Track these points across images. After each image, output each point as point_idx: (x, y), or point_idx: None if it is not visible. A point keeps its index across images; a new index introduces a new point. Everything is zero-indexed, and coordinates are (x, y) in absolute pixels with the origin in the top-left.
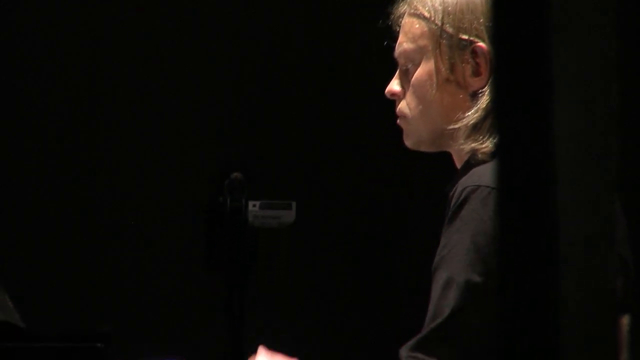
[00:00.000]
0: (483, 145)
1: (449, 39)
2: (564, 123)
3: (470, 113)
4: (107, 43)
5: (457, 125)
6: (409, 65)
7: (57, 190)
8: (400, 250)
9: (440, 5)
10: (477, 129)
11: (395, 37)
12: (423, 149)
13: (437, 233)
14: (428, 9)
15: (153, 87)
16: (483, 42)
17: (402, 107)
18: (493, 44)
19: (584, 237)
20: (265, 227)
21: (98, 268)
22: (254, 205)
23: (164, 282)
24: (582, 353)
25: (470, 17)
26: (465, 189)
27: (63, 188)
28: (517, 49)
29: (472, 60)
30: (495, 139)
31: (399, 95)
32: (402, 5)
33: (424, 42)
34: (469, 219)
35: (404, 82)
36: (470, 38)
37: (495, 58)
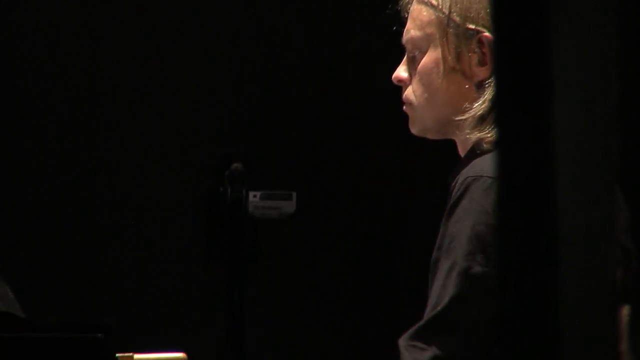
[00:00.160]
0: (488, 135)
1: (456, 28)
2: (564, 123)
3: (477, 104)
4: (107, 43)
5: (464, 117)
6: (416, 53)
7: (57, 188)
8: (400, 250)
9: None
10: (483, 120)
11: (404, 23)
12: (428, 137)
13: (437, 232)
14: None
15: (154, 77)
16: (489, 32)
17: (408, 94)
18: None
19: (584, 236)
20: (266, 217)
21: (99, 261)
22: (255, 196)
23: (165, 273)
24: (582, 353)
25: (477, 6)
26: (467, 179)
27: (63, 186)
28: (517, 49)
29: (478, 50)
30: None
31: (406, 82)
32: None
33: (431, 30)
34: (470, 209)
35: (411, 69)
36: (477, 27)
37: (496, 58)
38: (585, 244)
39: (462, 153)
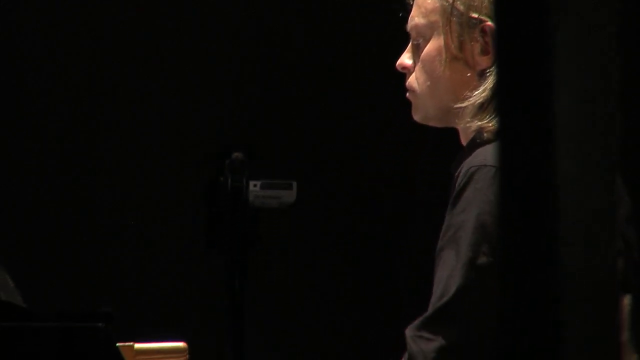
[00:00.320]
0: (489, 124)
1: (459, 17)
2: (564, 123)
3: (478, 92)
4: (107, 43)
5: (463, 104)
6: (420, 40)
7: (57, 185)
8: (400, 249)
9: None
10: (483, 108)
11: (409, 10)
12: (431, 124)
13: (437, 232)
14: None
15: (154, 77)
16: (492, 21)
17: (411, 81)
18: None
19: (584, 236)
20: (266, 207)
21: (99, 252)
22: (255, 185)
23: (165, 262)
24: (582, 353)
25: None
26: (470, 169)
27: (63, 185)
28: (517, 49)
29: (481, 39)
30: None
31: (409, 69)
32: None
33: (435, 17)
34: (474, 199)
35: (415, 56)
36: (480, 17)
37: (496, 58)
38: (586, 245)
39: (464, 142)
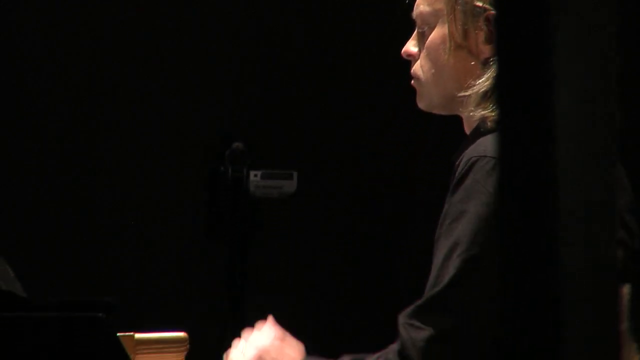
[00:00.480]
0: (493, 113)
1: (464, 5)
2: (564, 123)
3: (481, 81)
4: (107, 43)
5: (467, 93)
6: (425, 28)
7: (57, 183)
8: (400, 248)
9: None
10: (487, 97)
11: None
12: (435, 112)
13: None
14: None
15: (154, 76)
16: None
17: (416, 68)
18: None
19: (584, 236)
20: (267, 196)
21: (100, 241)
22: (256, 175)
23: (166, 252)
24: (582, 353)
25: None
26: (471, 159)
27: (63, 184)
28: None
29: (485, 28)
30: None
31: (415, 57)
32: None
33: (440, 5)
34: (473, 190)
35: (420, 44)
36: (484, 5)
37: (497, 58)
38: (586, 245)
39: (467, 130)
